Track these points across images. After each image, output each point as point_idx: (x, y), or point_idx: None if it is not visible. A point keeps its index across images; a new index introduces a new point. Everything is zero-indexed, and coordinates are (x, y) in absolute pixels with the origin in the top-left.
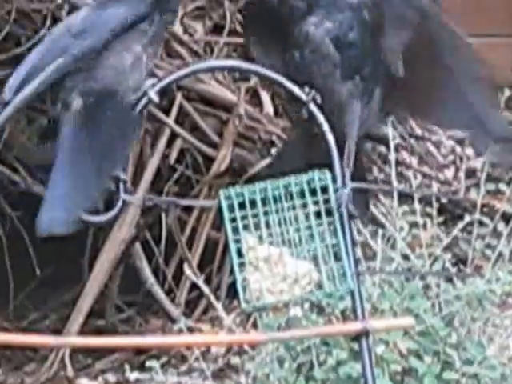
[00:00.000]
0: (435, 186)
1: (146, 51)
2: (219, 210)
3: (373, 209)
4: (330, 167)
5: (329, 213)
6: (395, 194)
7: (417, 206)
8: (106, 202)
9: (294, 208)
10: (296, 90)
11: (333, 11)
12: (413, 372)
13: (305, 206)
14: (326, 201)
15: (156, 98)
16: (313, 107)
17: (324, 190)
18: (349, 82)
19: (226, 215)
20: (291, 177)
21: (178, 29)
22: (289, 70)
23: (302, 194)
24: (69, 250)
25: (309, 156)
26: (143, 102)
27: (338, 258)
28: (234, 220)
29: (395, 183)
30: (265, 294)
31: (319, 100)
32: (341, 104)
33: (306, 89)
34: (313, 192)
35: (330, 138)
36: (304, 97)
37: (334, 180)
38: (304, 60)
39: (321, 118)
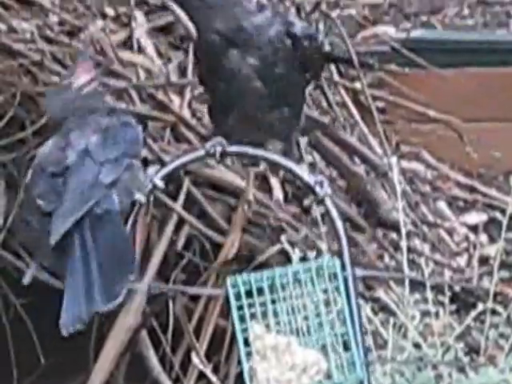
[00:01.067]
0: (448, 273)
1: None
2: (226, 298)
3: (384, 297)
4: (340, 254)
5: (338, 301)
6: (407, 282)
7: (429, 294)
8: None
9: (302, 296)
10: (305, 175)
11: (254, 47)
12: None
13: (313, 293)
14: (336, 289)
15: (161, 184)
16: (322, 194)
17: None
18: (276, 111)
19: (233, 303)
20: (299, 264)
21: (185, 113)
22: (216, 99)
23: (310, 282)
24: (74, 337)
25: None
26: (148, 188)
27: (347, 347)
28: (241, 308)
29: (407, 271)
30: None
31: (327, 185)
32: (270, 130)
33: (318, 177)
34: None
35: (339, 225)
36: (312, 182)
37: (343, 267)
38: (230, 92)
39: (328, 202)
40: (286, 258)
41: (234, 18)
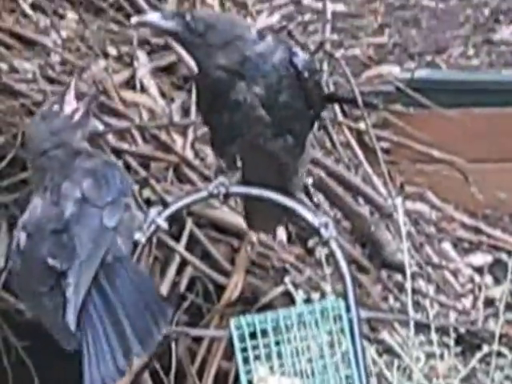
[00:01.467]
0: (453, 315)
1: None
2: (230, 339)
3: (389, 339)
4: (344, 296)
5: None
6: (411, 324)
7: (434, 335)
8: None
9: (306, 338)
10: (310, 217)
11: (259, 75)
12: None
13: (318, 335)
14: (340, 330)
15: (165, 225)
16: (327, 236)
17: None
18: (280, 139)
19: (237, 345)
20: (304, 306)
21: (188, 153)
22: (218, 130)
23: (315, 323)
24: (74, 380)
25: None
26: (151, 229)
27: None
28: (245, 350)
29: (411, 312)
30: None
31: (332, 227)
32: (274, 158)
33: (322, 218)
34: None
35: (344, 266)
36: (317, 224)
37: (348, 309)
38: (234, 121)
39: (333, 244)
40: (290, 300)
41: (237, 50)
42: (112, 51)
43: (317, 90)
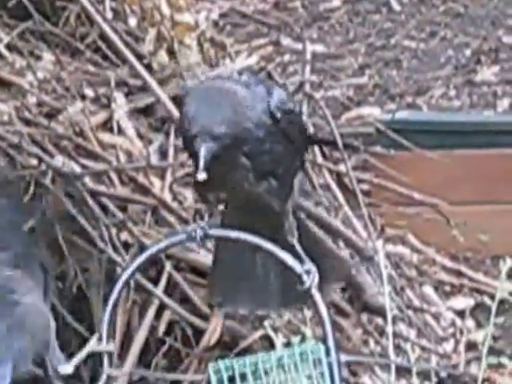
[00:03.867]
0: (434, 359)
1: None
2: None
3: (369, 383)
4: (324, 340)
5: None
6: (392, 368)
7: (415, 380)
8: (90, 376)
9: (286, 382)
10: (290, 261)
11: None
12: None
13: (297, 379)
14: (320, 374)
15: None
16: (308, 283)
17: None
18: (263, 182)
19: None
20: (283, 349)
21: (166, 196)
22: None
23: (294, 367)
24: None
25: None
26: (130, 272)
27: None
28: None
29: (392, 356)
30: None
31: (314, 274)
32: (260, 202)
33: (305, 265)
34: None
35: (324, 310)
36: (299, 270)
37: (328, 353)
38: (215, 167)
39: (314, 290)
40: (269, 344)
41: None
42: (89, 93)
43: (295, 130)
